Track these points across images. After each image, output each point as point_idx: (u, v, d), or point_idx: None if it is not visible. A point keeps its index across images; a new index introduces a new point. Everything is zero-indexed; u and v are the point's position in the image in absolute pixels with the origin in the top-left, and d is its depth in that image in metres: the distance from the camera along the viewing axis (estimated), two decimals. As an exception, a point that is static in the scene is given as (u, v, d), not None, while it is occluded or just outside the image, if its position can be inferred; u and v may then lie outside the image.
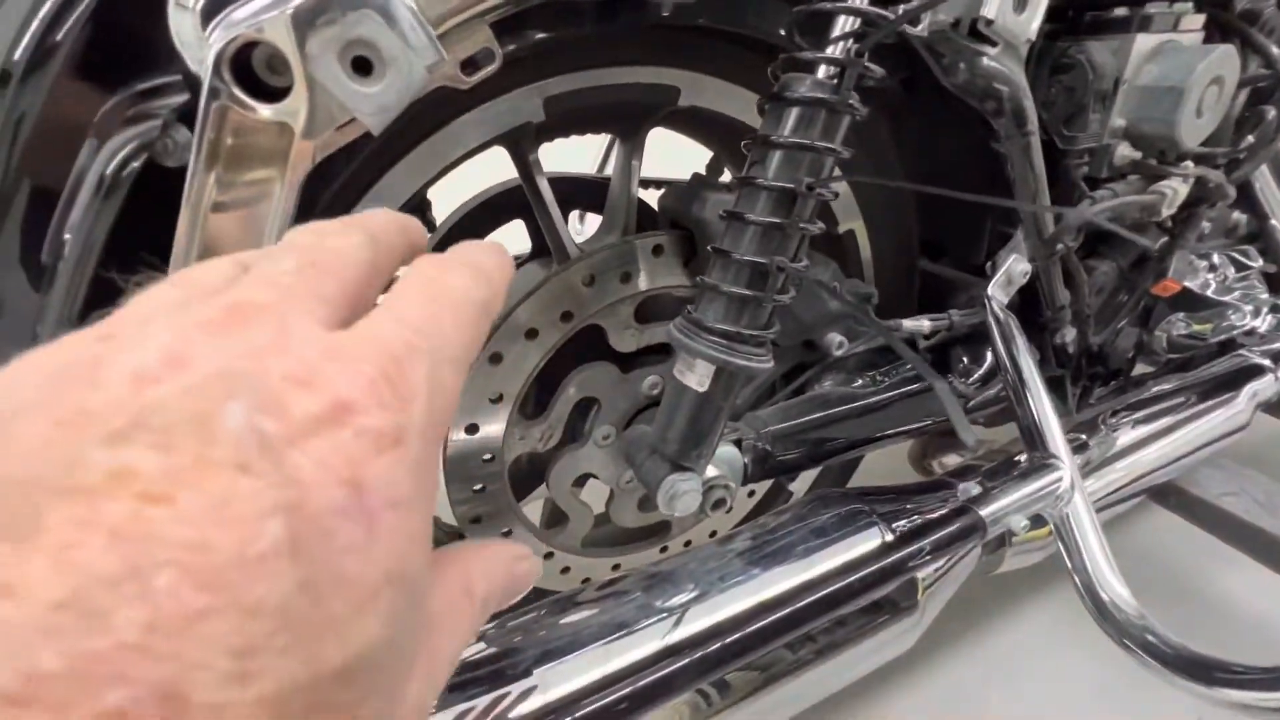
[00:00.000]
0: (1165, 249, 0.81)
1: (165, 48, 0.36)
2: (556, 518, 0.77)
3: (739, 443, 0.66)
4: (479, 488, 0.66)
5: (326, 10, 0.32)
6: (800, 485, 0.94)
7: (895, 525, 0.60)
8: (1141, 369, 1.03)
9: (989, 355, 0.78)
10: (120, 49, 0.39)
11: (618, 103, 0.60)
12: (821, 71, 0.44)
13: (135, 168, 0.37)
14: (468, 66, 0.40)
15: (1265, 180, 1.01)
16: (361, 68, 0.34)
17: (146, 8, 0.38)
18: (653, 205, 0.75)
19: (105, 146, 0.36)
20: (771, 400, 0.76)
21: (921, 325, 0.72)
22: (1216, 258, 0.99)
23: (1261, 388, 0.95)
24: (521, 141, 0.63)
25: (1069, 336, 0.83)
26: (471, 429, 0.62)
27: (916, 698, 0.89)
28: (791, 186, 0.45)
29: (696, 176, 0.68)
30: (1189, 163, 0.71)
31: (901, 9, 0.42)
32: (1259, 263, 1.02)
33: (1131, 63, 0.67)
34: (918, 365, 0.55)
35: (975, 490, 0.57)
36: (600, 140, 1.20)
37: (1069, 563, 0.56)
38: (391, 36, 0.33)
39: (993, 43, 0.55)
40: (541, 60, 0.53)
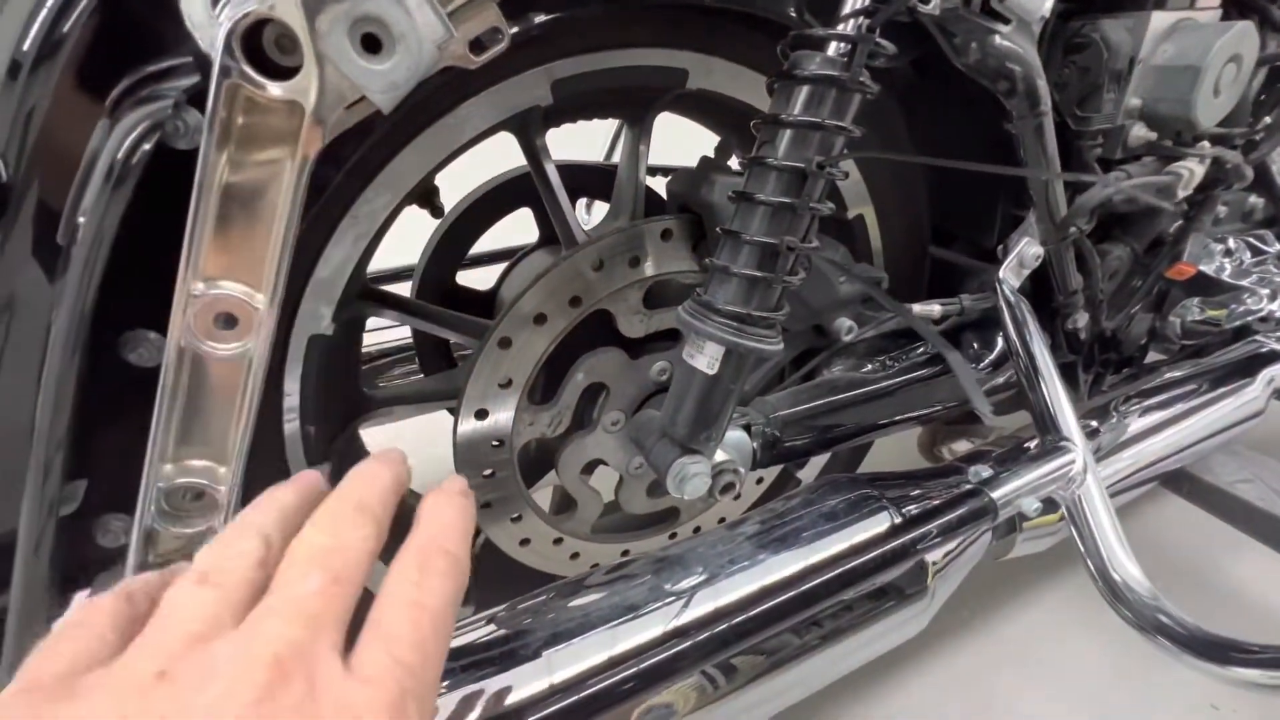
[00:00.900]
0: (1180, 232, 0.80)
1: (174, 30, 0.36)
2: (566, 503, 0.77)
3: (748, 428, 0.66)
4: (489, 473, 0.66)
5: (335, -14, 0.32)
6: (809, 473, 0.94)
7: (904, 509, 0.60)
8: (1156, 356, 1.02)
9: (1000, 340, 0.77)
10: (129, 33, 0.39)
11: (625, 86, 0.60)
12: (832, 49, 0.43)
13: (147, 150, 0.37)
14: (476, 46, 0.40)
15: (1283, 162, 0.99)
16: (371, 45, 0.34)
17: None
18: (659, 192, 0.74)
19: (116, 129, 0.36)
20: (781, 385, 0.76)
21: (932, 310, 0.71)
22: (1233, 242, 0.98)
23: (1278, 374, 0.94)
24: (529, 127, 0.63)
25: (1081, 322, 0.82)
26: (481, 414, 0.62)
27: (928, 682, 0.89)
28: (801, 166, 0.44)
29: (705, 160, 0.68)
30: (1205, 143, 0.70)
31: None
32: (1276, 247, 1.01)
33: (1147, 41, 0.66)
34: (930, 337, 0.55)
35: (986, 473, 0.57)
36: (606, 130, 1.20)
37: (1081, 545, 0.55)
38: (400, 13, 0.33)
39: (1005, 20, 0.55)
40: (549, 42, 0.53)
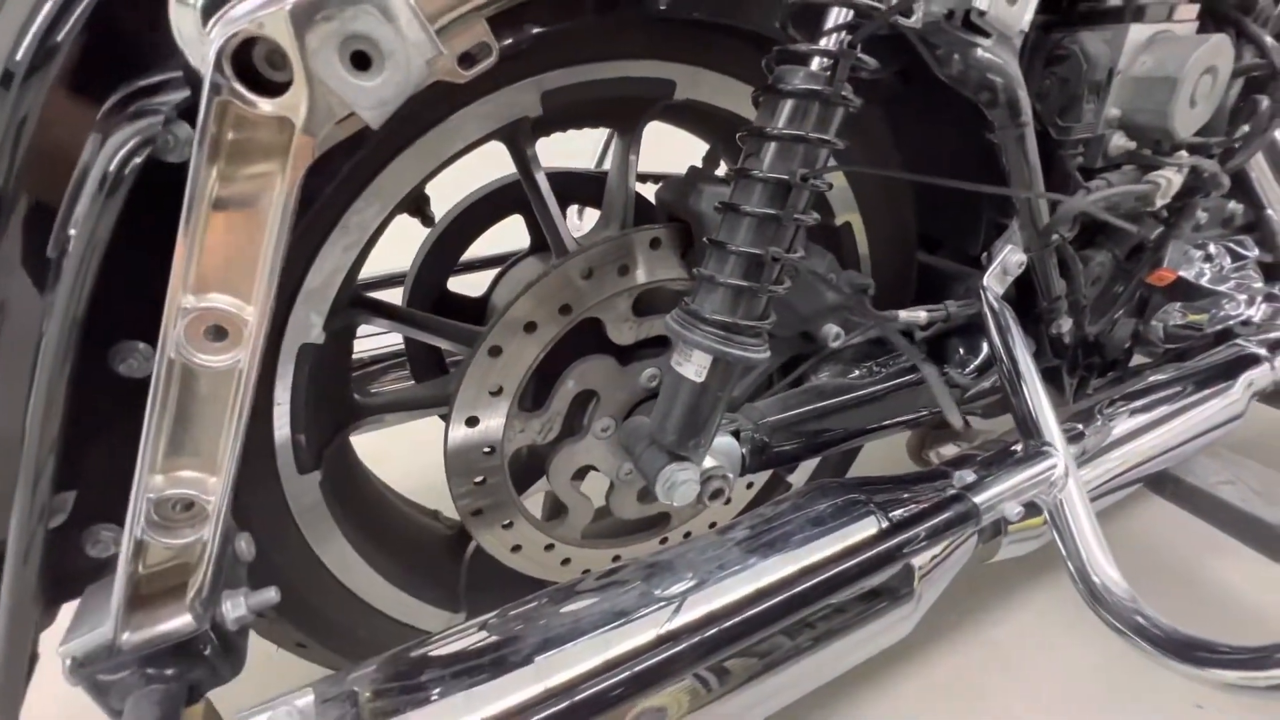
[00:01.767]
0: (1161, 238, 0.82)
1: (166, 45, 0.37)
2: (557, 510, 0.77)
3: (737, 434, 0.67)
4: (480, 480, 0.66)
5: (325, 5, 0.32)
6: (800, 476, 0.95)
7: (891, 513, 0.61)
8: (1139, 360, 1.04)
9: (985, 346, 0.78)
10: (121, 48, 0.39)
11: (614, 97, 0.61)
12: (815, 63, 0.44)
13: (138, 163, 0.37)
14: (465, 60, 0.41)
15: (1261, 170, 1.01)
16: (360, 62, 0.35)
17: (146, 6, 0.38)
18: (650, 199, 0.75)
19: (108, 142, 0.36)
20: (770, 391, 0.77)
21: (918, 316, 0.72)
22: (1213, 248, 1.00)
23: (1257, 377, 0.96)
24: (519, 136, 0.63)
25: (1065, 327, 0.83)
26: (472, 422, 0.63)
27: (917, 685, 0.90)
28: (786, 178, 0.45)
29: (693, 170, 0.69)
30: (1183, 152, 0.71)
31: (894, 0, 0.43)
32: (1255, 252, 1.03)
33: (1125, 53, 0.67)
34: (906, 349, 0.56)
35: (970, 478, 0.58)
36: (597, 138, 1.20)
37: (1062, 547, 0.56)
38: (390, 31, 0.34)
39: (986, 34, 0.56)
40: (539, 54, 0.54)
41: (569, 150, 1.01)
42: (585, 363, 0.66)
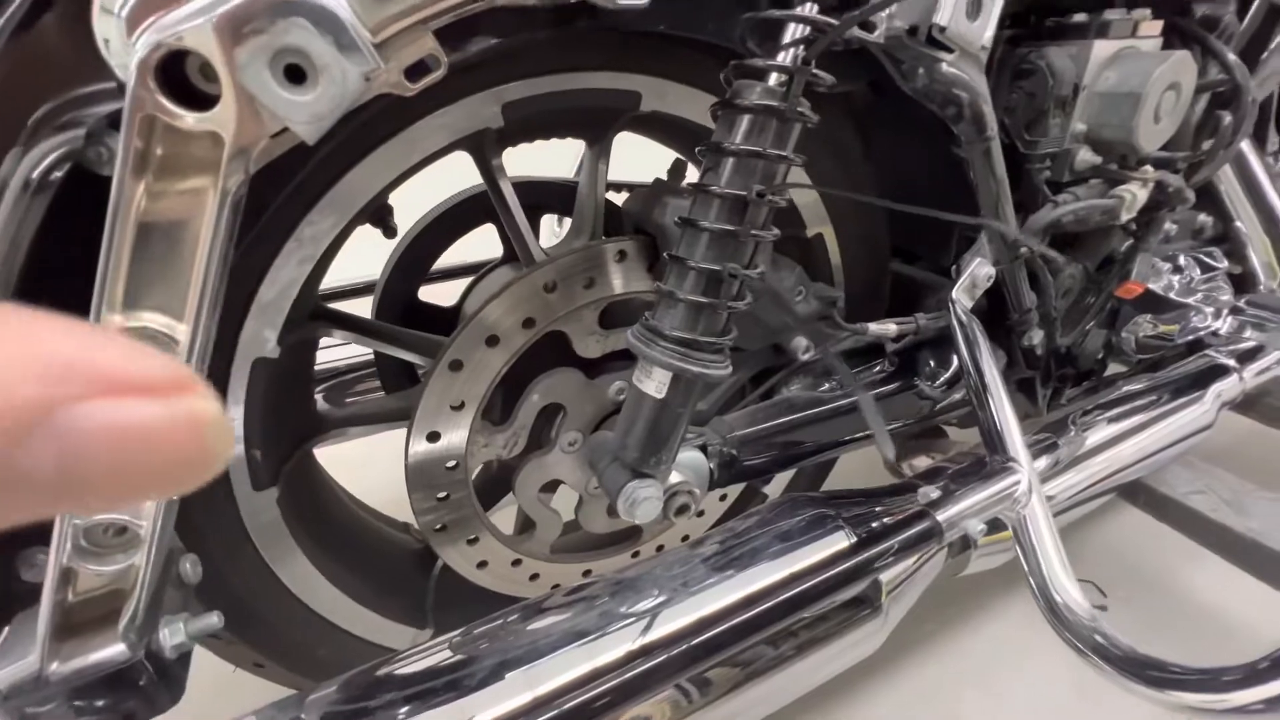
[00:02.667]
0: (1129, 251, 0.82)
1: (99, 54, 0.36)
2: (526, 524, 0.76)
3: (705, 448, 0.66)
4: (443, 496, 0.65)
5: (254, 18, 0.31)
6: (776, 486, 0.94)
7: (859, 529, 0.60)
8: (1114, 369, 1.04)
9: (955, 359, 0.78)
10: (53, 55, 0.38)
11: (579, 108, 0.60)
12: (771, 78, 0.44)
13: (59, 176, 0.36)
14: (411, 73, 0.40)
15: (1230, 183, 1.02)
16: (295, 75, 0.34)
17: (78, 13, 0.37)
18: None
19: (28, 156, 0.35)
20: (741, 404, 0.76)
21: (888, 329, 0.72)
22: (1183, 259, 1.01)
23: (1226, 388, 0.96)
24: (484, 147, 0.62)
25: (1036, 338, 0.84)
26: (433, 437, 0.62)
27: (892, 699, 0.89)
28: (743, 194, 0.45)
29: (658, 182, 0.68)
30: (1148, 167, 0.72)
31: (844, 17, 0.42)
32: (1225, 264, 1.04)
33: (1090, 68, 0.67)
34: (843, 375, 0.56)
35: (935, 494, 0.57)
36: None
37: (1025, 565, 0.56)
38: (324, 44, 0.33)
39: (949, 49, 0.56)
40: (498, 65, 0.53)
41: (558, 154, 1.00)
42: (551, 376, 0.65)
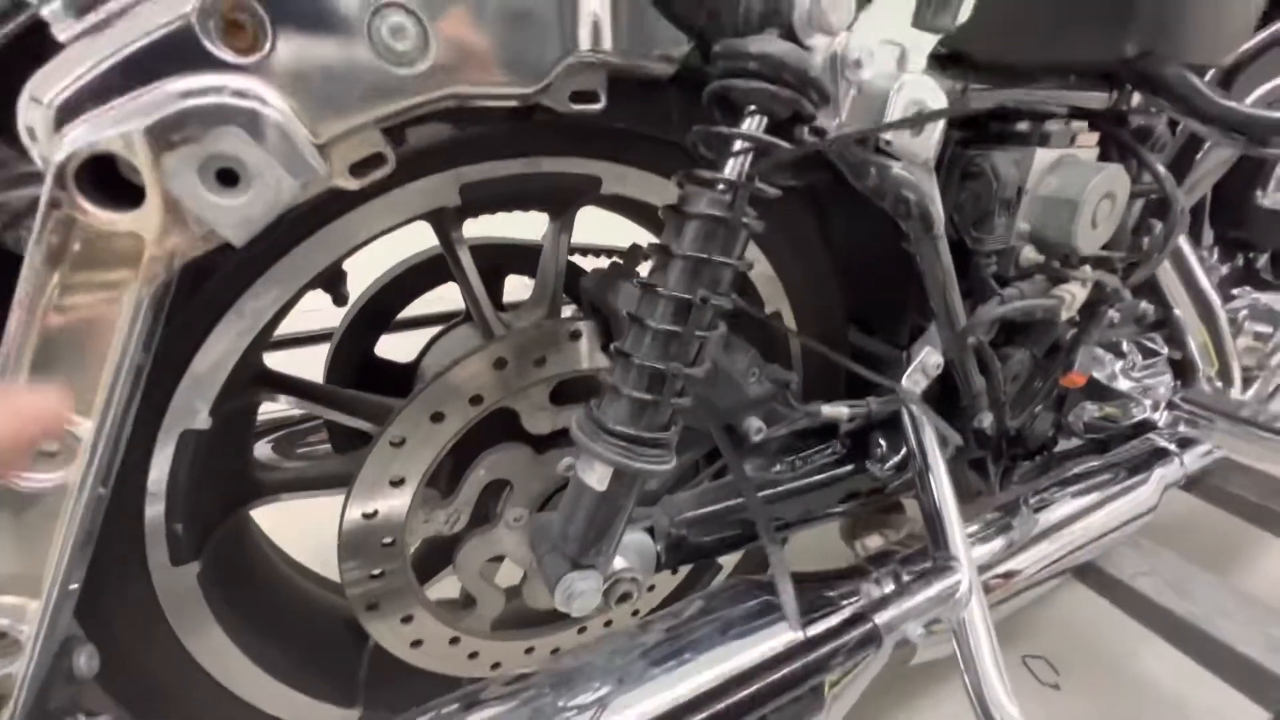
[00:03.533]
0: (1072, 342, 0.85)
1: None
2: (467, 600, 0.73)
3: (652, 529, 0.65)
4: (377, 572, 0.63)
5: (185, 125, 0.31)
6: (731, 559, 0.93)
7: (806, 624, 0.59)
8: (1064, 445, 1.07)
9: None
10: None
11: (540, 189, 0.61)
12: (718, 188, 0.45)
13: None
14: (358, 169, 0.40)
15: (1169, 274, 1.08)
16: (227, 178, 0.33)
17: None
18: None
19: (-60, 243, 0.33)
20: (695, 482, 0.75)
21: (840, 412, 0.73)
22: (1125, 345, 1.05)
23: (1169, 473, 0.99)
24: (443, 220, 0.62)
25: (986, 421, 0.85)
26: (370, 515, 0.59)
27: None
28: (689, 297, 0.45)
29: (614, 265, 0.69)
30: (1088, 267, 0.75)
31: (786, 146, 0.44)
32: (1165, 350, 1.08)
33: (1033, 173, 0.71)
34: (740, 480, 0.56)
35: (875, 593, 0.57)
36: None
37: (963, 666, 0.56)
38: (257, 152, 0.32)
39: (896, 157, 0.58)
40: (456, 150, 0.53)
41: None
42: (498, 451, 0.64)
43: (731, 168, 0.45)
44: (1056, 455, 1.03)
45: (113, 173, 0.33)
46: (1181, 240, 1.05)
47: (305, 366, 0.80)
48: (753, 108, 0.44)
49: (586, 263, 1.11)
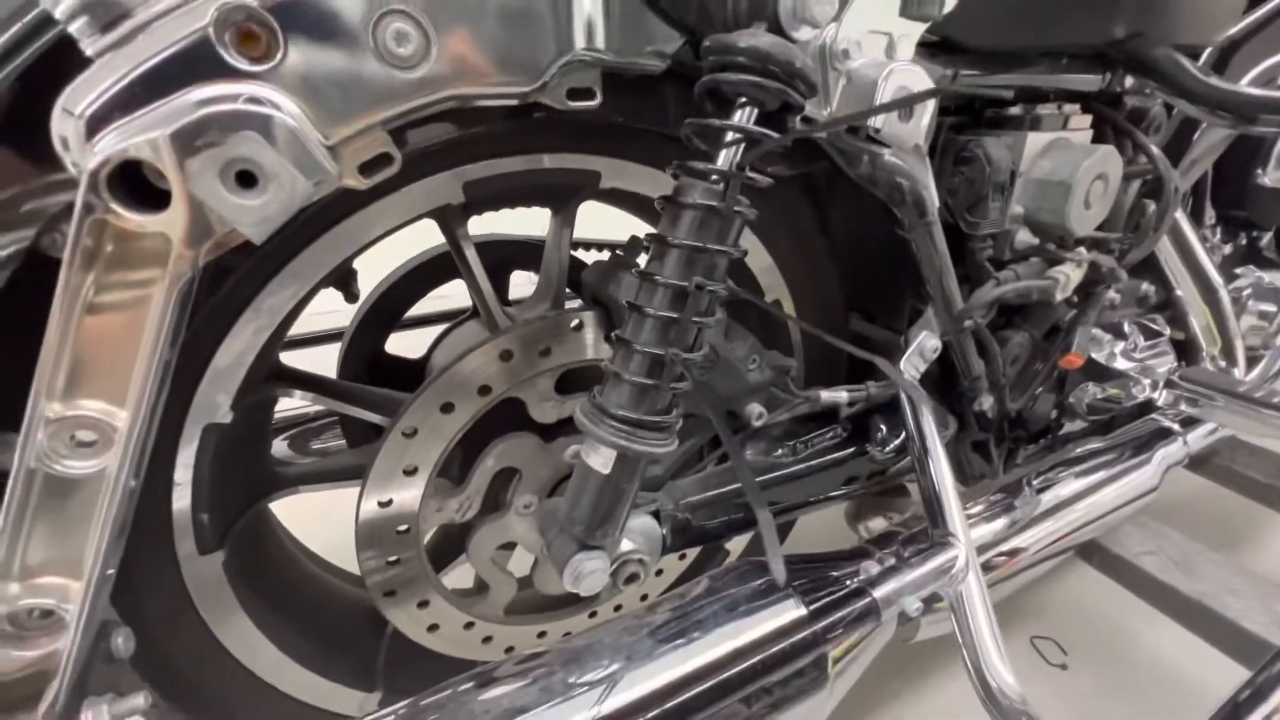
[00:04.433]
0: (1070, 324, 0.86)
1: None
2: (480, 586, 0.76)
3: (658, 513, 0.67)
4: (393, 559, 0.65)
5: (208, 131, 0.33)
6: (738, 543, 0.95)
7: (807, 600, 0.61)
8: (1069, 427, 1.07)
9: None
10: (32, 127, 0.39)
11: (541, 185, 0.62)
12: (711, 178, 0.46)
13: (12, 262, 0.37)
14: (366, 168, 0.42)
15: (1169, 254, 1.08)
16: (246, 180, 0.35)
17: (32, 108, 0.38)
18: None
19: (-17, 248, 0.36)
20: (698, 467, 0.77)
21: (840, 397, 0.74)
22: (1127, 326, 1.05)
23: (1171, 452, 1.00)
24: (448, 218, 0.64)
25: (987, 404, 0.86)
26: (385, 504, 0.62)
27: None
28: (685, 284, 0.47)
29: (614, 257, 0.71)
30: (1083, 249, 0.76)
31: (776, 135, 0.45)
32: (1167, 331, 1.09)
33: (1025, 157, 0.72)
34: (749, 488, 0.58)
35: (875, 569, 0.59)
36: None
37: (960, 641, 0.57)
38: (273, 155, 0.34)
39: (887, 145, 0.59)
40: (458, 149, 0.55)
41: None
42: (507, 440, 0.66)
43: (724, 159, 0.46)
44: (1060, 437, 1.04)
45: (138, 177, 0.35)
46: (1182, 220, 1.05)
47: (316, 367, 0.83)
48: (742, 100, 0.46)
49: (588, 257, 1.13)
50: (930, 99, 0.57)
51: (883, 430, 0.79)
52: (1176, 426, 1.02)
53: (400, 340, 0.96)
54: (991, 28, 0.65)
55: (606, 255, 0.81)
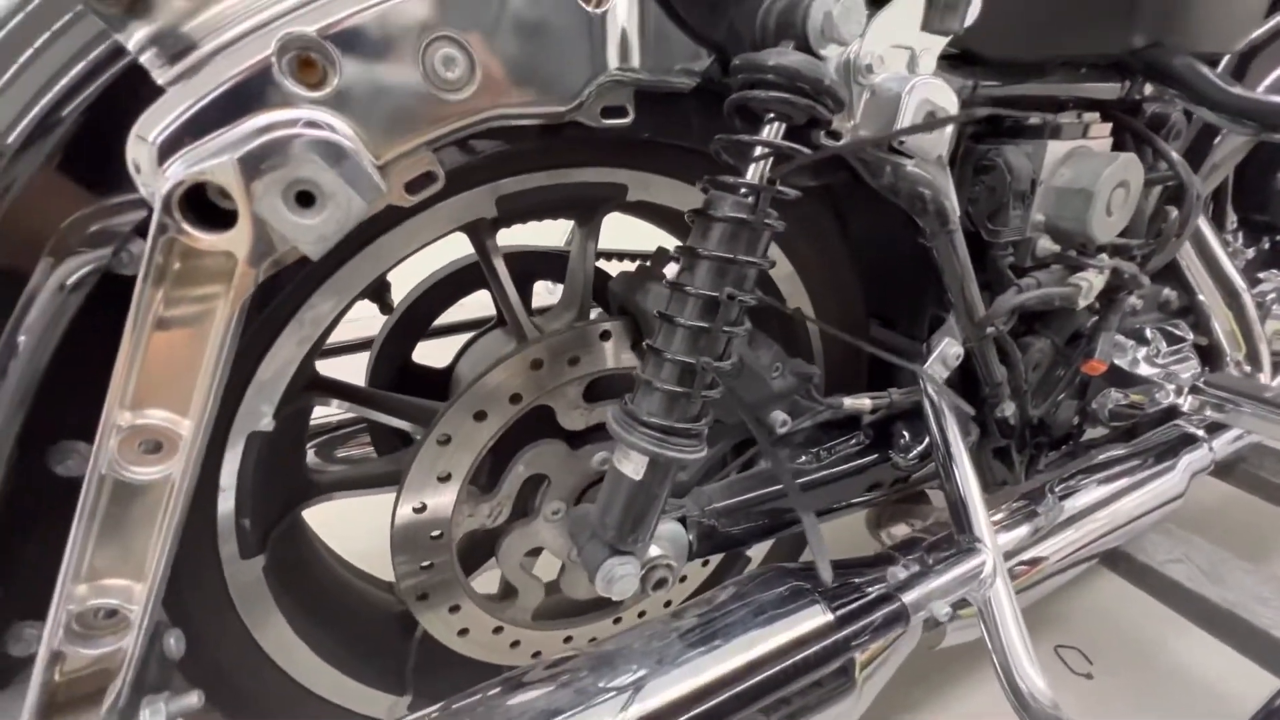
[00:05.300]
0: (1093, 330, 0.86)
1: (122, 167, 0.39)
2: (508, 590, 0.77)
3: (684, 519, 0.68)
4: (426, 564, 0.66)
5: (271, 155, 0.35)
6: (759, 551, 0.95)
7: (834, 605, 0.61)
8: (1091, 434, 1.07)
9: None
10: (81, 169, 0.42)
11: (570, 198, 0.64)
12: (741, 192, 0.48)
13: (90, 280, 0.39)
14: (412, 186, 0.44)
15: (1191, 259, 1.08)
16: (305, 200, 0.37)
17: (101, 133, 0.41)
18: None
19: (62, 266, 0.38)
20: (721, 474, 0.78)
21: (863, 403, 0.75)
22: (1149, 332, 1.05)
23: (1196, 459, 0.99)
24: (479, 231, 0.66)
25: (1009, 410, 0.86)
26: (420, 509, 0.63)
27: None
28: (715, 295, 0.48)
29: (642, 267, 0.72)
30: (1104, 255, 0.76)
31: (807, 151, 0.47)
32: (1190, 336, 1.08)
33: (1046, 165, 0.73)
34: (792, 492, 0.58)
35: (902, 574, 0.59)
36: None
37: (990, 646, 0.57)
38: (332, 176, 0.36)
39: (910, 155, 0.61)
40: (493, 165, 0.57)
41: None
42: (536, 447, 0.68)
43: (753, 172, 0.48)
44: (1083, 443, 1.03)
45: (201, 198, 0.37)
46: (1204, 225, 1.05)
47: (345, 375, 0.85)
48: (771, 116, 0.47)
49: (611, 268, 1.15)
50: (957, 122, 0.58)
51: (905, 437, 0.79)
52: (1201, 433, 1.01)
53: (423, 349, 0.99)
54: (1011, 39, 0.67)
55: (627, 265, 0.82)
